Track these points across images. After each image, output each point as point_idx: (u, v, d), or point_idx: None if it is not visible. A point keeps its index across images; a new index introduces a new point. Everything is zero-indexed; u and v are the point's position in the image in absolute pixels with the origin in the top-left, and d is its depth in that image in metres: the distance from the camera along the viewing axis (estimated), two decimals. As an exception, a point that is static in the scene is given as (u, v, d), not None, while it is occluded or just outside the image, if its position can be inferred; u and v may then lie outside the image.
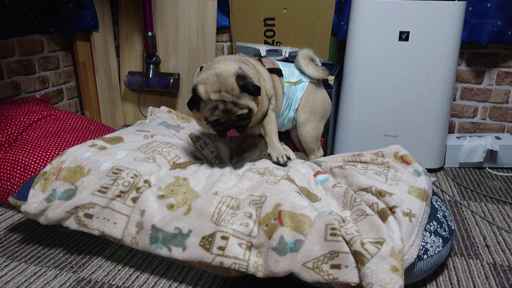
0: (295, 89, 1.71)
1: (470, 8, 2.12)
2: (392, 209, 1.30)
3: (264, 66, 1.63)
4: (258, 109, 1.42)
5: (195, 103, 1.36)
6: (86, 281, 1.28)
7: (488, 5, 2.08)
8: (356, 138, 2.14)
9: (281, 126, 1.77)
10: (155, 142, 1.60)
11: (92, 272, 1.33)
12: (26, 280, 1.28)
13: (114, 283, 1.28)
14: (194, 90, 1.34)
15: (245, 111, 1.34)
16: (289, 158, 1.53)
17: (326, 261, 1.15)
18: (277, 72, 1.64)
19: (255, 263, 1.19)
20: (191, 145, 1.74)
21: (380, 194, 1.36)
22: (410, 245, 1.22)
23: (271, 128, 1.56)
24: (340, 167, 1.57)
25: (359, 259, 1.12)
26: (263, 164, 1.50)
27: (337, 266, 1.14)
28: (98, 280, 1.29)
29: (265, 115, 1.55)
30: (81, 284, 1.27)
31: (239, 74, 1.32)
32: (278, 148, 1.54)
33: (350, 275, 1.12)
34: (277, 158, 1.51)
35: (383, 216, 1.29)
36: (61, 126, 1.92)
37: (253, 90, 1.33)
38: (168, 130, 1.80)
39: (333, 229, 1.17)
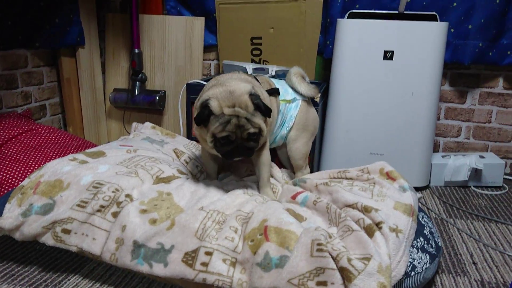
0: (289, 107, 1.71)
1: (452, 30, 2.17)
2: (378, 225, 1.28)
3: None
4: (266, 133, 1.39)
5: (204, 117, 1.29)
6: (61, 300, 1.22)
7: (470, 26, 2.13)
8: (342, 156, 2.14)
9: (272, 143, 1.75)
10: (138, 156, 1.57)
11: (68, 291, 1.27)
12: (-3, 299, 1.22)
13: (91, 302, 1.22)
14: (205, 104, 1.29)
15: (257, 130, 1.31)
16: None
17: (312, 277, 1.11)
18: (275, 92, 1.62)
19: (239, 280, 1.15)
20: (176, 160, 1.71)
21: (366, 210, 1.34)
22: (397, 261, 1.20)
23: (267, 172, 1.53)
24: (326, 184, 1.55)
25: (346, 275, 1.09)
26: (252, 190, 1.49)
27: (323, 283, 1.10)
28: (74, 299, 1.23)
29: (263, 144, 1.50)
30: (55, 303, 1.21)
31: (252, 93, 1.31)
32: (271, 196, 1.53)
33: None
34: None
35: (369, 231, 1.26)
36: (42, 141, 1.87)
37: (266, 110, 1.32)
38: (152, 145, 1.77)
39: (319, 244, 1.14)
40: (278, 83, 1.74)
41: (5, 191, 1.57)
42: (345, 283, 1.09)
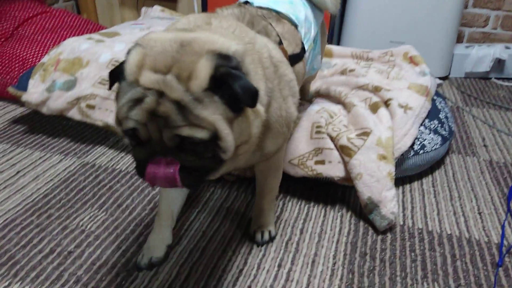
0: (313, 47, 1.16)
1: None
2: (387, 102, 1.31)
3: (282, 46, 0.94)
4: (239, 141, 0.70)
5: (112, 80, 0.70)
6: (90, 165, 1.31)
7: None
8: (362, 44, 2.08)
9: None
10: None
11: (96, 158, 1.36)
12: (32, 163, 1.32)
13: (117, 167, 1.31)
14: (124, 60, 0.68)
15: (201, 135, 0.64)
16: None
17: (311, 157, 1.18)
18: (299, 59, 1.01)
19: None
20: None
21: (376, 89, 1.36)
22: (403, 134, 1.24)
23: (273, 188, 1.02)
24: (341, 73, 1.56)
25: (347, 152, 1.14)
26: None
27: (321, 162, 1.17)
28: (102, 165, 1.32)
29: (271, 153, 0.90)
30: (85, 167, 1.30)
31: (220, 55, 0.65)
32: (270, 223, 1.05)
33: (333, 170, 1.16)
34: (262, 234, 1.04)
35: (373, 108, 1.30)
36: (57, 23, 1.86)
37: (243, 96, 0.64)
38: (162, 21, 1.74)
39: (318, 127, 1.20)
40: (291, 7, 1.07)
41: (26, 69, 1.60)
42: (346, 159, 1.15)
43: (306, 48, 1.05)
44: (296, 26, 1.03)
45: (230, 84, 0.63)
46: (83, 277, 0.93)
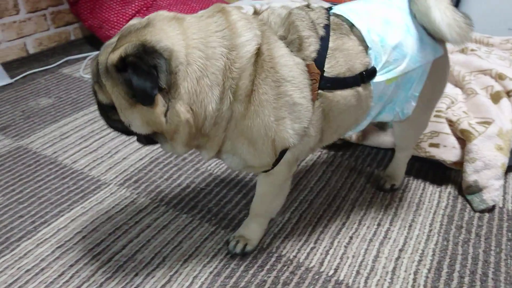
0: (404, 81, 0.93)
1: None
2: (509, 93, 1.32)
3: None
4: (152, 127, 0.78)
5: None
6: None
7: None
8: (477, 30, 2.03)
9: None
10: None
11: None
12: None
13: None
14: None
15: (101, 97, 0.79)
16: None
17: (426, 139, 1.24)
18: (349, 83, 0.86)
19: (358, 136, 1.33)
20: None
21: (500, 77, 1.36)
22: None
23: (260, 209, 1.01)
24: (461, 51, 1.56)
25: (466, 136, 1.19)
26: None
27: (435, 145, 1.23)
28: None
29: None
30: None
31: (145, 47, 0.72)
32: (251, 237, 1.02)
33: (446, 154, 1.21)
34: (236, 243, 1.01)
35: (495, 98, 1.31)
36: (188, -4, 2.10)
37: (136, 89, 0.72)
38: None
39: (438, 111, 1.25)
40: (381, 26, 0.88)
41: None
42: (464, 142, 1.20)
43: (380, 79, 0.88)
44: (367, 47, 0.86)
45: (128, 73, 0.72)
46: (213, 209, 1.14)
